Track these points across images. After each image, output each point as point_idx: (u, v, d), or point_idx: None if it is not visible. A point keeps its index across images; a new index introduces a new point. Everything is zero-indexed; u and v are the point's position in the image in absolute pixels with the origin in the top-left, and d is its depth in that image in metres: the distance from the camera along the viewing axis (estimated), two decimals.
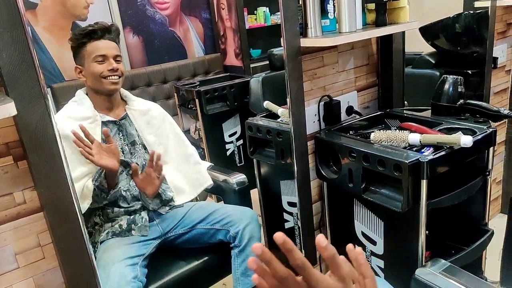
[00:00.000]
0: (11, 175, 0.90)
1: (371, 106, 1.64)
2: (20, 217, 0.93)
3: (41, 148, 0.86)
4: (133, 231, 1.33)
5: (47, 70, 2.53)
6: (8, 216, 0.92)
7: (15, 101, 0.73)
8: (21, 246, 0.95)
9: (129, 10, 2.87)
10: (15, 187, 0.91)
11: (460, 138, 1.07)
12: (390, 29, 1.32)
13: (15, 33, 0.78)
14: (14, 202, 0.92)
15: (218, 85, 2.41)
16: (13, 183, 0.91)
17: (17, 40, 0.78)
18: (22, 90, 0.81)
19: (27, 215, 0.94)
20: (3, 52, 0.77)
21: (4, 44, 0.77)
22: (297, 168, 1.37)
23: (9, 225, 0.92)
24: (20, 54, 0.79)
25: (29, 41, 0.79)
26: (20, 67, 0.80)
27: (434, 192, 1.13)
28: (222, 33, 3.21)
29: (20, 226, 0.94)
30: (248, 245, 1.36)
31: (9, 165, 0.90)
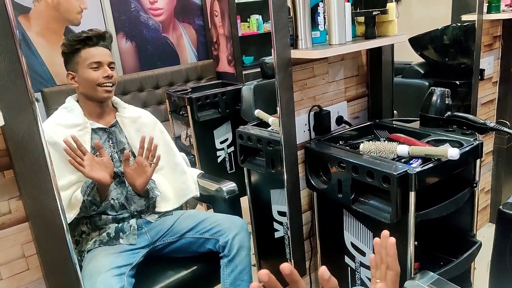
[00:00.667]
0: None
1: (361, 116, 1.66)
2: (5, 227, 0.92)
3: (27, 157, 0.85)
4: (121, 239, 1.31)
5: (38, 74, 2.52)
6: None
7: (3, 111, 0.73)
8: (5, 257, 0.94)
9: (122, 16, 2.87)
10: (0, 196, 0.90)
11: (447, 151, 1.09)
12: (379, 41, 1.34)
13: (5, 43, 0.78)
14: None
15: (210, 92, 2.41)
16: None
17: (6, 49, 0.78)
18: (11, 100, 0.80)
19: (12, 225, 0.93)
20: None
21: None
22: (287, 177, 1.38)
23: None
24: (10, 64, 0.79)
25: (18, 51, 0.79)
26: (9, 77, 0.79)
27: (423, 203, 1.14)
28: (215, 40, 3.22)
29: (5, 236, 0.93)
30: (237, 255, 1.35)
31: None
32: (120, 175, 1.35)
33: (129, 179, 1.31)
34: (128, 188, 1.35)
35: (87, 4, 2.67)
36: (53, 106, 2.29)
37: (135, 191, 1.34)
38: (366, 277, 1.35)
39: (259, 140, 1.53)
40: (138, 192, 1.35)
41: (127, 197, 1.36)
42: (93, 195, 1.24)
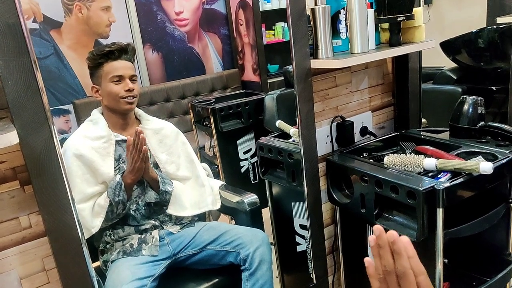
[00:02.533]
0: (17, 200, 0.92)
1: (387, 126, 1.59)
2: (25, 241, 0.94)
3: (44, 174, 0.87)
4: (144, 250, 1.33)
5: (70, 87, 2.61)
6: (14, 241, 0.93)
7: (20, 128, 0.75)
8: (26, 270, 0.96)
9: (149, 27, 2.94)
10: (21, 211, 0.93)
11: (479, 164, 1.01)
12: (404, 49, 1.28)
13: (21, 61, 0.80)
14: (20, 226, 0.93)
15: (233, 103, 2.41)
16: (19, 207, 0.92)
17: (22, 67, 0.80)
18: (27, 117, 0.82)
19: (33, 239, 0.95)
20: (8, 80, 0.79)
21: (10, 72, 0.79)
22: (308, 191, 1.34)
23: (14, 249, 0.94)
24: (26, 81, 0.81)
25: (34, 68, 0.80)
26: (25, 94, 0.81)
27: (453, 220, 1.06)
28: (240, 49, 3.23)
29: (25, 250, 0.95)
30: (258, 268, 1.33)
31: (16, 190, 0.91)
32: None
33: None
34: (146, 185, 1.38)
35: (115, 17, 2.76)
36: (83, 117, 2.36)
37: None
38: None
39: (279, 152, 1.50)
40: (151, 185, 1.37)
41: (145, 192, 1.38)
42: (122, 195, 1.28)
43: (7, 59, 0.78)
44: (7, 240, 0.92)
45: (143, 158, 1.26)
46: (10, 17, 0.77)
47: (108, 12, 2.72)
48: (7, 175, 0.90)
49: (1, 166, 0.89)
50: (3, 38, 0.77)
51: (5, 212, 0.91)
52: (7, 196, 0.91)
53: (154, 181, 1.35)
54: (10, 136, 0.71)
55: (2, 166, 0.89)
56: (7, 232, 0.92)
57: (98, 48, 1.35)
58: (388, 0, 1.26)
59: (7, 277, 0.94)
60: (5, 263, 0.93)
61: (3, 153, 0.88)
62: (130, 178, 1.29)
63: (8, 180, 0.90)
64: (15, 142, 0.73)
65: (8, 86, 0.79)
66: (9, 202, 0.91)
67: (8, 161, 0.90)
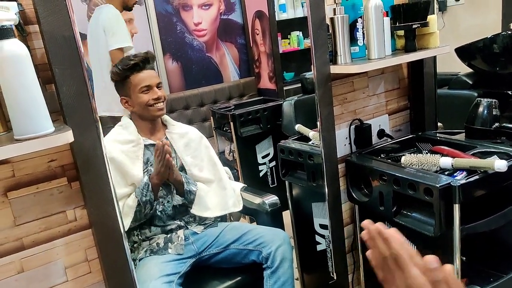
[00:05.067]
0: (65, 195, 1.00)
1: (403, 129, 1.64)
2: (71, 233, 1.02)
3: (92, 170, 0.95)
4: (170, 249, 1.38)
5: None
6: (61, 232, 1.01)
7: (72, 129, 0.82)
8: (71, 260, 1.03)
9: (169, 38, 3.05)
10: (67, 205, 1.01)
11: (494, 162, 1.06)
12: (419, 54, 1.34)
13: (74, 70, 0.88)
14: (66, 219, 1.01)
15: (251, 109, 2.49)
16: (66, 202, 1.00)
17: (75, 75, 0.88)
18: (78, 119, 0.90)
19: (77, 231, 1.03)
20: (63, 86, 0.87)
21: (65, 79, 0.88)
22: (328, 191, 1.39)
23: (61, 240, 1.01)
24: (78, 87, 0.89)
25: (85, 76, 0.89)
26: (77, 99, 0.89)
27: (469, 216, 1.11)
28: (257, 58, 3.32)
29: (70, 241, 1.03)
30: (280, 266, 1.38)
31: (64, 186, 1.00)
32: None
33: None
34: (172, 187, 1.45)
35: (137, 29, 2.88)
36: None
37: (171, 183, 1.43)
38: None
39: (300, 154, 1.57)
40: (175, 186, 1.44)
41: (171, 193, 1.45)
42: (149, 194, 1.35)
43: (63, 68, 0.87)
44: (55, 232, 1.01)
45: (167, 165, 1.34)
46: (66, 30, 0.85)
47: (130, 24, 2.84)
48: (57, 172, 0.99)
49: (51, 164, 0.98)
50: (60, 49, 0.86)
51: (54, 206, 0.99)
52: (56, 191, 0.99)
53: (179, 183, 1.42)
54: (68, 135, 0.79)
55: (52, 164, 0.98)
56: (55, 224, 1.00)
57: (122, 62, 1.40)
58: (403, 9, 1.32)
59: (54, 266, 1.02)
60: (53, 253, 1.01)
61: (54, 152, 0.97)
62: (157, 179, 1.36)
63: (57, 176, 0.99)
64: (71, 140, 0.80)
65: (62, 91, 0.88)
66: (57, 197, 0.99)
67: (57, 159, 0.98)
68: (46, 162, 0.97)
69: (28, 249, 0.98)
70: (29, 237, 0.98)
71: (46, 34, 0.85)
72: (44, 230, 0.99)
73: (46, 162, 0.97)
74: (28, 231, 0.97)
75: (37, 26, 0.89)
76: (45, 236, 0.99)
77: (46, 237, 1.00)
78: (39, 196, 0.97)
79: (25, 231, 0.97)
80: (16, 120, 0.76)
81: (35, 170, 0.96)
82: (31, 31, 0.92)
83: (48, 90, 0.93)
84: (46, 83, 0.92)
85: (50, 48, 0.85)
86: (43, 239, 0.99)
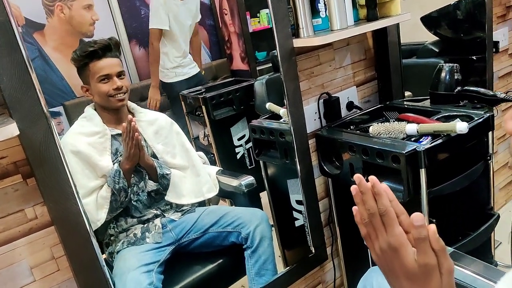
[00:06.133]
0: (21, 193, 0.95)
1: (372, 100, 1.65)
2: (32, 232, 0.98)
3: (46, 165, 0.90)
4: (147, 238, 1.37)
5: (58, 89, 2.62)
6: (22, 232, 0.96)
7: (18, 122, 0.77)
8: (36, 259, 0.99)
9: (133, 24, 2.94)
10: (25, 203, 0.96)
11: (456, 125, 1.08)
12: (381, 23, 1.33)
13: (14, 57, 0.82)
14: (26, 218, 0.96)
15: (223, 91, 2.45)
16: (24, 200, 0.95)
17: (16, 63, 0.82)
18: (24, 111, 0.84)
19: (40, 229, 0.98)
20: (3, 76, 0.81)
21: (4, 68, 0.81)
22: (300, 166, 1.40)
23: (23, 240, 0.97)
24: (20, 76, 0.83)
25: (27, 63, 0.83)
26: (20, 89, 0.83)
27: (436, 180, 1.13)
28: (227, 38, 3.25)
29: (33, 240, 0.98)
30: (260, 245, 1.39)
31: (19, 183, 0.94)
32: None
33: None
34: (144, 173, 1.42)
35: (99, 15, 2.76)
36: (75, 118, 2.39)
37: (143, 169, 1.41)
38: None
39: (271, 132, 1.56)
40: (148, 171, 1.41)
41: (143, 179, 1.42)
42: (122, 181, 1.31)
43: (0, 56, 0.80)
44: (15, 232, 0.96)
45: (136, 144, 1.29)
46: (0, 15, 0.79)
47: (90, 10, 2.71)
48: (9, 170, 0.93)
49: (2, 161, 0.92)
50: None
51: (11, 205, 0.94)
52: (11, 189, 0.94)
53: (151, 168, 1.39)
54: (11, 128, 0.74)
55: (3, 161, 0.92)
56: (14, 224, 0.95)
57: (81, 48, 1.33)
58: None
59: (18, 267, 0.97)
60: (15, 254, 0.96)
61: (3, 148, 0.91)
62: (127, 163, 1.32)
63: (10, 174, 0.93)
64: (16, 134, 0.75)
65: (3, 82, 0.81)
66: (13, 196, 0.94)
67: (8, 156, 0.92)
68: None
69: None
70: None
71: None
72: (3, 231, 0.94)
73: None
74: None
75: None
76: (4, 237, 0.94)
77: (5, 239, 0.95)
78: None
79: None
80: None
81: None
82: None
83: None
84: None
85: None
86: (3, 240, 0.94)
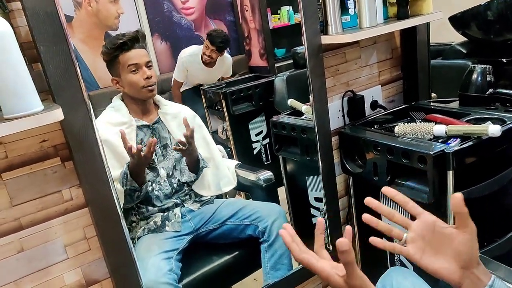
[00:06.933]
0: (59, 175, 1.00)
1: (397, 100, 1.63)
2: (68, 212, 1.03)
3: (84, 149, 0.94)
4: (167, 227, 1.39)
5: (83, 79, 2.68)
6: (58, 212, 1.01)
7: (61, 107, 0.81)
8: (70, 238, 1.04)
9: (156, 17, 2.97)
10: (63, 185, 1.00)
11: (488, 128, 1.05)
12: (412, 21, 1.31)
13: (60, 47, 0.86)
14: (62, 199, 1.01)
15: (243, 86, 2.45)
16: (61, 181, 1.00)
17: (61, 52, 0.86)
18: (67, 97, 0.89)
19: (74, 210, 1.03)
20: (50, 64, 0.85)
21: (51, 57, 0.85)
22: (322, 163, 1.39)
23: (59, 219, 1.02)
24: (64, 65, 0.87)
25: (71, 53, 0.87)
26: (64, 77, 0.87)
27: (464, 182, 1.11)
28: (247, 35, 3.25)
29: (68, 220, 1.03)
30: (276, 240, 1.39)
31: (57, 166, 0.99)
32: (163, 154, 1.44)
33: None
34: (181, 161, 1.45)
35: (123, 9, 2.79)
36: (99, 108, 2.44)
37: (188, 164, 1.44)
38: (406, 258, 1.34)
39: (293, 128, 1.56)
40: (191, 166, 1.44)
41: (180, 169, 1.45)
42: (129, 183, 1.32)
43: (48, 45, 0.84)
44: (52, 212, 1.01)
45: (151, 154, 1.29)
46: (48, 5, 0.82)
47: (116, 4, 2.75)
48: (49, 152, 0.97)
49: (44, 144, 0.96)
50: (44, 26, 0.83)
51: (49, 186, 0.99)
52: (50, 171, 0.98)
53: (196, 161, 1.43)
54: (57, 113, 0.77)
55: (44, 144, 0.96)
56: (51, 204, 1.00)
57: (110, 41, 1.37)
58: None
59: (53, 245, 1.02)
60: (51, 232, 1.01)
61: (45, 132, 0.95)
62: (136, 167, 1.31)
63: (50, 157, 0.98)
64: (61, 118, 0.79)
65: (49, 69, 0.85)
66: (52, 177, 0.99)
67: (49, 139, 0.97)
68: (38, 143, 0.96)
69: (26, 229, 0.98)
70: (27, 217, 0.98)
71: (28, 10, 0.82)
72: (41, 210, 0.99)
73: (38, 143, 0.96)
74: (25, 211, 0.97)
75: (19, 2, 0.86)
76: (42, 215, 0.99)
77: (43, 217, 1.00)
78: (33, 176, 0.97)
79: (22, 211, 0.97)
80: (4, 99, 0.75)
81: (27, 151, 0.95)
82: (13, 8, 0.88)
83: (35, 69, 0.90)
84: (32, 62, 0.90)
85: (34, 25, 0.83)
86: (41, 218, 1.00)
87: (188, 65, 2.19)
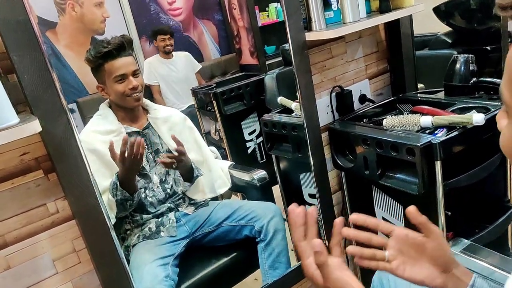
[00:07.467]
0: (43, 187, 0.97)
1: (385, 93, 1.64)
2: (54, 225, 1.00)
3: (67, 160, 0.92)
4: (162, 232, 1.38)
5: (71, 86, 2.64)
6: (44, 226, 0.99)
7: (39, 118, 0.79)
8: (58, 252, 1.02)
9: (143, 20, 2.94)
10: (47, 198, 0.98)
11: (472, 117, 1.07)
12: (394, 14, 1.32)
13: (34, 55, 0.83)
14: (48, 212, 0.99)
15: (234, 85, 2.45)
16: (45, 194, 0.98)
17: (36, 61, 0.84)
18: (45, 108, 0.86)
19: (61, 223, 1.01)
20: (24, 74, 0.83)
21: (25, 66, 0.83)
22: (313, 160, 1.40)
23: (45, 234, 0.99)
24: (40, 74, 0.84)
25: (46, 61, 0.84)
26: (41, 86, 0.85)
27: (451, 172, 1.12)
28: (236, 33, 3.25)
29: (55, 234, 1.01)
30: (273, 238, 1.40)
31: (40, 178, 0.96)
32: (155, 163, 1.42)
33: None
34: (175, 173, 1.44)
35: (109, 12, 2.77)
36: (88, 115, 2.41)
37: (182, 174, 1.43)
38: None
39: (283, 126, 1.56)
40: (185, 176, 1.43)
41: (175, 179, 1.45)
42: (120, 193, 1.28)
43: (21, 54, 0.82)
44: (38, 226, 0.98)
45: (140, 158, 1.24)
46: (20, 14, 0.81)
47: (101, 8, 2.73)
48: (31, 165, 0.95)
49: (24, 157, 0.94)
50: (16, 34, 0.81)
51: (33, 199, 0.96)
52: (33, 184, 0.96)
53: (190, 170, 1.41)
54: (34, 124, 0.76)
55: (25, 157, 0.94)
56: (36, 218, 0.98)
57: (95, 48, 1.30)
58: None
59: (41, 260, 1.00)
60: (38, 247, 0.99)
61: (25, 144, 0.93)
62: (126, 176, 1.27)
63: (32, 170, 0.95)
64: (38, 130, 0.77)
65: (24, 80, 0.83)
66: (35, 190, 0.96)
67: (30, 152, 0.94)
68: (18, 156, 0.94)
69: (11, 246, 0.96)
70: (11, 234, 0.95)
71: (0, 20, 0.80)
72: (26, 225, 0.97)
73: (18, 156, 0.94)
74: (9, 227, 0.95)
75: None
76: (27, 230, 0.97)
77: (29, 232, 0.97)
78: (15, 191, 0.94)
79: (6, 228, 0.95)
80: None
81: (7, 165, 0.93)
82: None
83: (11, 80, 0.88)
84: (8, 73, 0.88)
85: (5, 34, 0.80)
86: (26, 234, 0.97)
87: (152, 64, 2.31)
